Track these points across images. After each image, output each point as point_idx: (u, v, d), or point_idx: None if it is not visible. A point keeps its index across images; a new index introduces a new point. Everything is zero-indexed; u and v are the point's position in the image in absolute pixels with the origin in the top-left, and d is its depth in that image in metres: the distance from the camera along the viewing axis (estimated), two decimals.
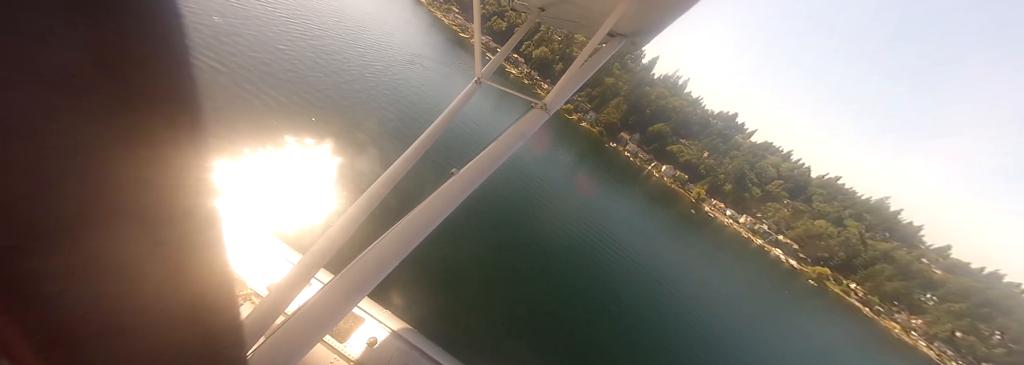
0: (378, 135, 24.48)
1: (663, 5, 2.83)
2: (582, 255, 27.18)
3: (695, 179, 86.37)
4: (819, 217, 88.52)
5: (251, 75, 22.13)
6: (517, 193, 30.64)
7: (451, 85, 45.97)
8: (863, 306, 74.39)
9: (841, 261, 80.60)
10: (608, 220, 38.62)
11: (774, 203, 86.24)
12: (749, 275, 57.37)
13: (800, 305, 58.49)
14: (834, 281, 77.08)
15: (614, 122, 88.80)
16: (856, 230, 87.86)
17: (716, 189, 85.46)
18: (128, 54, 0.36)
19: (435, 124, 4.08)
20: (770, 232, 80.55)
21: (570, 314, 20.70)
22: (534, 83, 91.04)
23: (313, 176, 18.31)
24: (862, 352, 51.74)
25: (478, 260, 19.97)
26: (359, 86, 29.81)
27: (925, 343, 72.45)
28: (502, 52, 4.57)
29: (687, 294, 32.13)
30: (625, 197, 56.20)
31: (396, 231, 2.27)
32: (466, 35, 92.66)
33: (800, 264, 77.19)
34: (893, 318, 75.10)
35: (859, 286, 78.19)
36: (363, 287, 2.07)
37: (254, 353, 1.74)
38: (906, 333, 72.53)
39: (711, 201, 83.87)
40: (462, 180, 2.57)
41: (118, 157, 0.38)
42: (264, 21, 28.85)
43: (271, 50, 25.75)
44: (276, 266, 6.47)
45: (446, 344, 6.77)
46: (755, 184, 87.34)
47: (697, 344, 25.04)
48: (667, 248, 43.60)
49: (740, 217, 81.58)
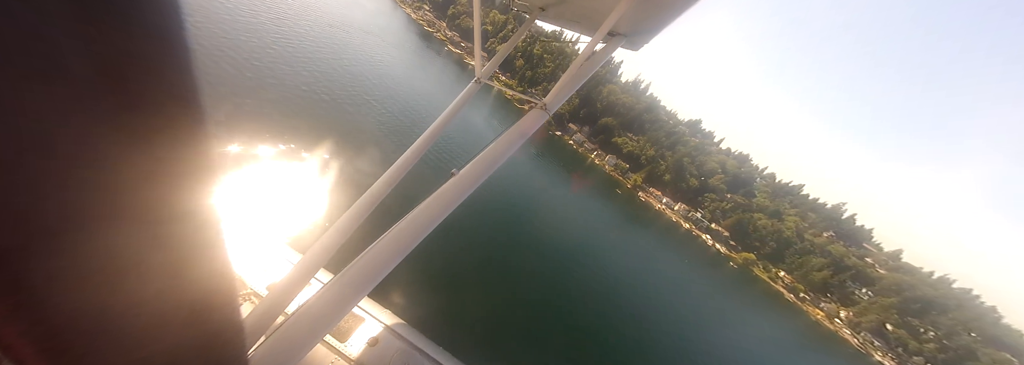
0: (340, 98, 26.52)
1: (663, 5, 2.86)
2: (521, 239, 28.12)
3: (636, 169, 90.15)
4: (758, 210, 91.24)
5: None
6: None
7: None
8: (788, 293, 75.98)
9: (772, 250, 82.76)
10: (541, 199, 40.72)
11: (712, 194, 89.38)
12: (673, 254, 59.66)
13: (720, 283, 60.43)
14: (762, 268, 79.03)
15: (563, 113, 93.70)
16: (793, 223, 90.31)
17: (655, 179, 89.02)
18: (131, 56, 0.36)
19: (435, 124, 4.06)
20: (703, 220, 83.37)
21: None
22: None
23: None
24: (765, 320, 53.33)
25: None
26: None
27: (849, 331, 73.44)
28: (501, 52, 4.57)
29: (611, 274, 32.81)
30: (564, 182, 57.78)
31: (396, 231, 2.28)
32: (431, 29, 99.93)
33: (729, 250, 79.51)
34: (819, 306, 76.40)
35: (788, 274, 79.97)
36: (363, 287, 2.08)
37: (254, 353, 1.74)
38: (829, 320, 73.70)
39: (649, 189, 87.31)
40: (462, 180, 2.58)
41: (119, 158, 0.38)
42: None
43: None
44: (276, 266, 6.41)
45: (446, 343, 6.73)
46: (694, 176, 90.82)
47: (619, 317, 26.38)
48: (597, 230, 44.90)
49: (675, 205, 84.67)
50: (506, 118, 60.70)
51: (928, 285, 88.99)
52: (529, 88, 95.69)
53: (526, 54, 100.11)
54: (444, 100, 43.03)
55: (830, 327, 71.63)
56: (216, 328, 0.55)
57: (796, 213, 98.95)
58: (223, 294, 0.53)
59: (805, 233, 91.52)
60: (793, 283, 78.06)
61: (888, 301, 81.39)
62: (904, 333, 77.77)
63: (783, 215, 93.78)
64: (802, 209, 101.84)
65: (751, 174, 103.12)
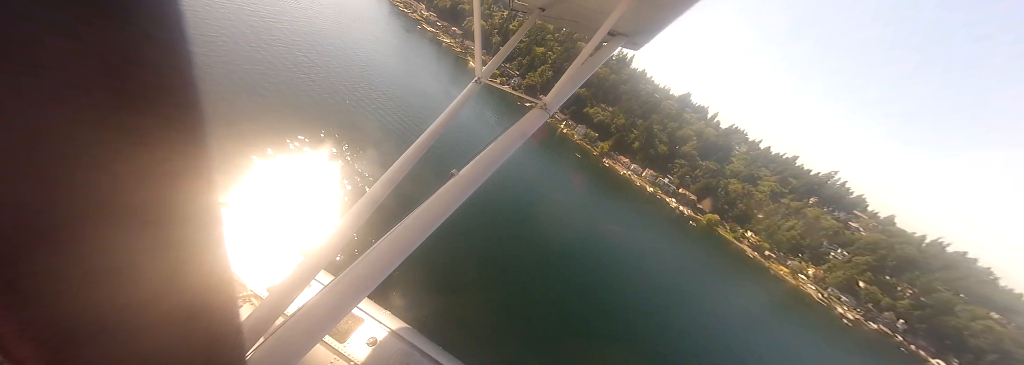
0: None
1: (663, 5, 2.84)
2: (503, 213, 28.29)
3: (606, 138, 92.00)
4: (732, 176, 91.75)
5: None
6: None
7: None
8: (752, 251, 77.34)
9: (740, 212, 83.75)
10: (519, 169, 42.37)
11: (682, 160, 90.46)
12: (637, 216, 61.74)
13: (683, 244, 62.42)
14: (729, 229, 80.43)
15: (535, 85, 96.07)
16: (768, 188, 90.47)
17: (625, 147, 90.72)
18: (130, 57, 0.37)
19: (435, 124, 4.02)
20: (670, 185, 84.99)
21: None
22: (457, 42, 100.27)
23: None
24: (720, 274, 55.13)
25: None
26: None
27: (814, 287, 74.46)
28: (501, 53, 4.51)
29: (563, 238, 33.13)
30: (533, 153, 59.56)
31: (396, 232, 2.28)
32: (406, 10, 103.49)
33: (694, 213, 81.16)
34: (785, 264, 77.48)
35: (755, 235, 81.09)
36: (363, 288, 2.07)
37: (254, 353, 1.74)
38: (793, 276, 74.87)
39: (618, 157, 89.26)
40: (462, 181, 2.57)
41: (119, 158, 0.38)
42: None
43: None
44: (277, 267, 6.43)
45: (446, 344, 6.74)
46: (664, 143, 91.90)
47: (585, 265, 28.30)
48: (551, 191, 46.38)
49: (643, 171, 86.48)
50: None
51: (911, 245, 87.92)
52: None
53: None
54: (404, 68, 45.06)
55: (792, 282, 72.90)
56: (215, 329, 0.55)
57: (777, 179, 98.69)
58: (222, 295, 0.54)
59: (783, 197, 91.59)
60: (759, 242, 79.21)
61: (862, 259, 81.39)
62: (876, 290, 77.99)
63: (758, 180, 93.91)
64: (784, 175, 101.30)
65: (730, 143, 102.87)
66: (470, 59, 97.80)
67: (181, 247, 0.47)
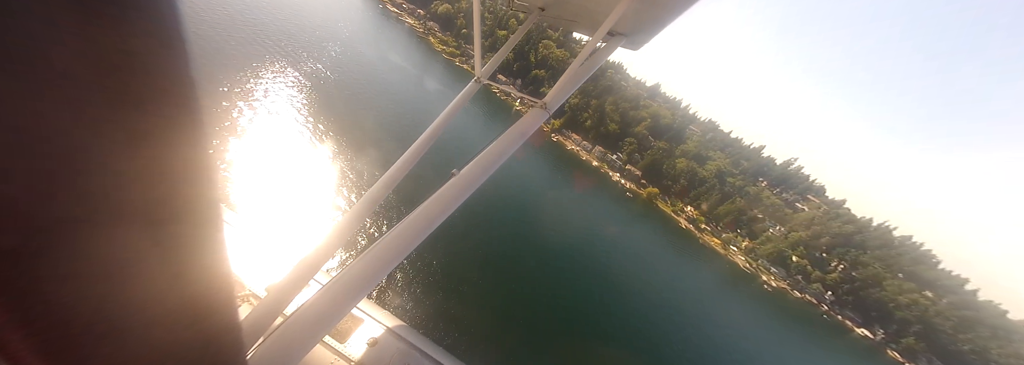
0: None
1: (663, 5, 2.84)
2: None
3: (559, 116, 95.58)
4: (681, 156, 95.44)
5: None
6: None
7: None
8: (687, 223, 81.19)
9: (681, 188, 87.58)
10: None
11: (632, 139, 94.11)
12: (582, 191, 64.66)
13: (621, 215, 65.85)
14: (669, 203, 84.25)
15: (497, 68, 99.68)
16: (715, 167, 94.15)
17: (577, 124, 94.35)
18: (129, 56, 0.37)
19: (435, 124, 4.01)
20: (618, 161, 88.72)
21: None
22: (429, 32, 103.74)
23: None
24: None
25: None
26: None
27: (743, 258, 78.44)
28: (501, 52, 4.54)
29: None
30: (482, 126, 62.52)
31: (396, 232, 2.28)
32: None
33: (637, 188, 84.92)
34: (719, 237, 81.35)
35: (694, 209, 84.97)
36: (363, 288, 2.06)
37: (253, 353, 1.74)
38: (724, 248, 78.75)
39: (569, 134, 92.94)
40: (463, 181, 2.58)
41: (118, 158, 0.38)
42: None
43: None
44: (275, 267, 6.40)
45: (446, 344, 6.78)
46: (615, 122, 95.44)
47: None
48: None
49: (592, 147, 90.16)
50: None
51: (852, 225, 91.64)
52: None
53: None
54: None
55: (722, 252, 76.76)
56: (214, 329, 0.55)
57: (730, 162, 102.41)
58: (221, 295, 0.54)
59: (728, 177, 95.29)
60: (696, 216, 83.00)
61: (795, 235, 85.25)
62: (806, 262, 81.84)
63: (707, 161, 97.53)
64: (736, 158, 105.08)
65: (684, 124, 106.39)
66: (432, 40, 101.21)
67: (181, 247, 0.46)
